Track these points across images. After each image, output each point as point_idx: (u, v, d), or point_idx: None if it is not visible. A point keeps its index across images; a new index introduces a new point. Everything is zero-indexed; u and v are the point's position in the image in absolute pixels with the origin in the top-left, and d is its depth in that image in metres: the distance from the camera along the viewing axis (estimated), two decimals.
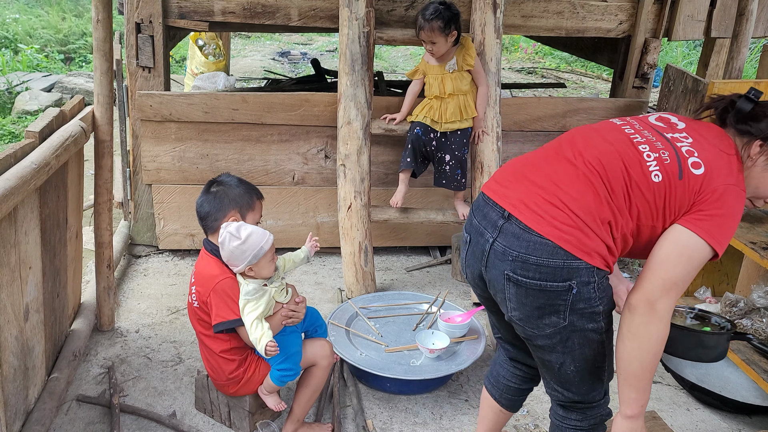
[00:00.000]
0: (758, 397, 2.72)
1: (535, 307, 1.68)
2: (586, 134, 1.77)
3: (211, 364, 2.31)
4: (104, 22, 2.60)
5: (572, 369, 1.77)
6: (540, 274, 1.64)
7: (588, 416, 1.88)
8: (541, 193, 1.67)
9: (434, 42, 3.09)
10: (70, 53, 8.91)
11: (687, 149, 1.68)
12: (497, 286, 1.72)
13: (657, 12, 3.80)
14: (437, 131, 3.25)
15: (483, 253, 1.73)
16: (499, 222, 1.69)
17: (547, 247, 1.62)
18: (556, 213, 1.64)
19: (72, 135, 2.44)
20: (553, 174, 1.70)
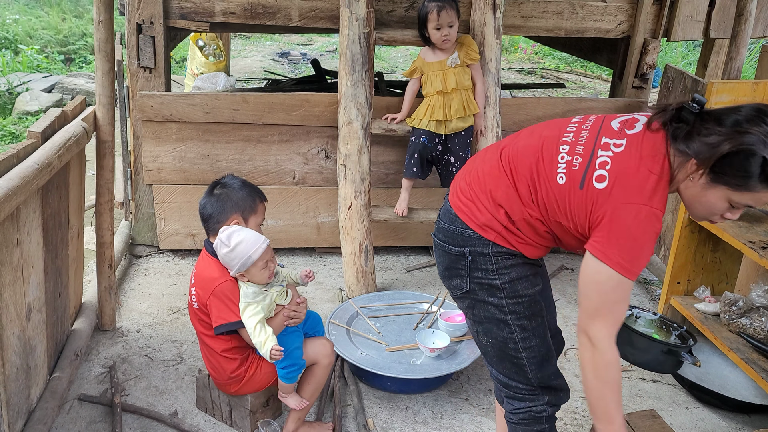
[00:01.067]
0: (757, 396, 2.73)
1: (445, 267, 1.91)
2: (536, 128, 1.88)
3: (212, 364, 2.32)
4: (106, 23, 2.61)
5: (485, 341, 1.91)
6: (444, 236, 1.88)
7: (516, 408, 1.94)
8: (466, 173, 1.90)
9: (452, 24, 3.09)
10: (70, 54, 8.91)
11: (603, 160, 1.64)
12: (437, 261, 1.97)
13: (656, 12, 3.81)
14: (442, 135, 3.26)
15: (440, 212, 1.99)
16: (446, 195, 1.95)
17: (449, 215, 1.87)
18: (463, 188, 1.87)
19: (74, 135, 2.45)
20: (484, 160, 1.88)
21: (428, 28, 3.12)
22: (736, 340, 2.59)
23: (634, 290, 3.68)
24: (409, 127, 3.33)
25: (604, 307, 1.64)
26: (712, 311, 2.77)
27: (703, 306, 2.81)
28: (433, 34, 3.11)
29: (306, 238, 3.82)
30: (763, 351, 2.50)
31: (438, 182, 3.49)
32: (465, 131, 3.27)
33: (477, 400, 2.68)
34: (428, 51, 3.23)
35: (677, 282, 2.93)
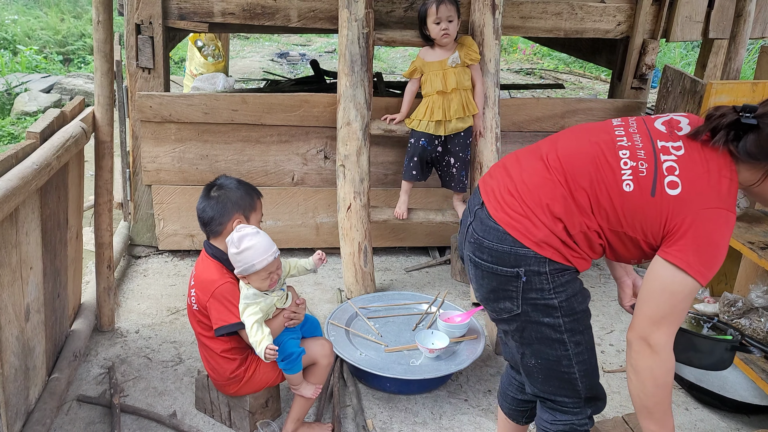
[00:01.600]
0: (757, 397, 2.73)
1: (490, 289, 1.77)
2: (575, 133, 1.79)
3: (212, 365, 2.31)
4: (105, 24, 2.61)
5: (533, 362, 1.81)
6: (491, 257, 1.72)
7: (558, 420, 1.87)
8: (507, 184, 1.75)
9: (452, 19, 3.09)
10: (68, 54, 8.91)
11: (670, 165, 1.60)
12: (466, 266, 1.86)
13: (655, 13, 3.81)
14: (441, 136, 3.25)
15: (464, 236, 1.85)
16: (475, 208, 1.81)
17: (497, 233, 1.71)
18: (511, 202, 1.71)
19: (73, 136, 2.45)
20: (524, 168, 1.76)
21: (428, 23, 3.12)
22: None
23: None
24: (408, 127, 3.32)
25: (672, 314, 1.59)
26: (711, 312, 2.77)
27: (702, 306, 2.81)
28: (433, 28, 3.11)
29: (305, 239, 3.82)
30: (763, 351, 2.50)
31: (437, 183, 3.49)
32: (464, 132, 3.27)
33: (476, 401, 2.68)
34: (428, 51, 3.23)
35: None
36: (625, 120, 1.77)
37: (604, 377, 2.88)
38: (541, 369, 1.81)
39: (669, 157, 1.61)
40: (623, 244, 1.68)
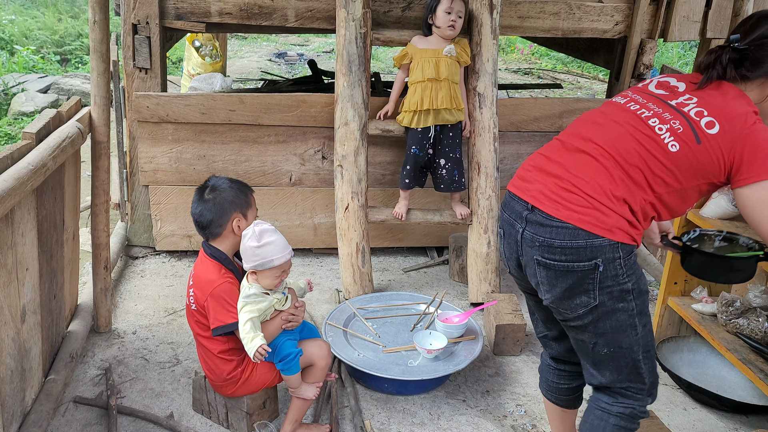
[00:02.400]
0: (755, 396, 2.72)
1: (566, 288, 1.78)
2: (594, 120, 1.86)
3: (209, 366, 2.31)
4: (101, 24, 2.60)
5: (605, 352, 1.85)
6: (566, 255, 1.74)
7: (618, 402, 1.91)
8: (557, 182, 1.79)
9: (461, 15, 3.14)
10: (66, 54, 8.90)
11: (696, 111, 1.75)
12: (530, 272, 1.85)
13: (653, 13, 3.81)
14: (431, 138, 3.25)
15: (516, 243, 1.86)
16: (524, 213, 1.82)
17: (568, 230, 1.73)
18: (571, 197, 1.75)
19: (69, 136, 2.44)
20: (566, 163, 1.81)
21: (437, 11, 3.13)
22: (733, 341, 2.59)
23: None
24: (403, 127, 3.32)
25: None
26: (709, 311, 2.77)
27: (700, 306, 2.81)
28: (442, 16, 3.12)
29: (303, 239, 3.81)
30: (761, 351, 2.50)
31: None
32: (453, 132, 3.26)
33: (474, 401, 2.67)
34: (422, 39, 3.23)
35: (674, 282, 2.93)
36: (626, 95, 1.89)
37: None
38: (613, 357, 1.85)
39: (690, 106, 1.76)
40: (683, 200, 1.79)
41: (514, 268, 1.93)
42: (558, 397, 2.16)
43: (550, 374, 2.15)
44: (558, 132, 3.73)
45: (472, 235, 3.40)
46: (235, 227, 2.24)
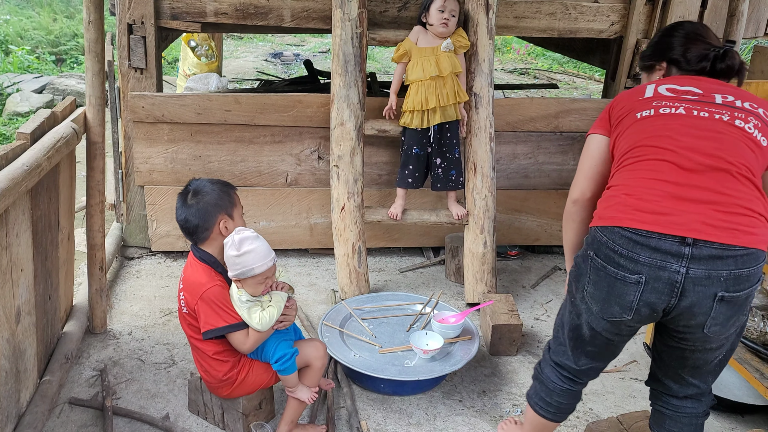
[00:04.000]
0: (751, 396, 2.73)
1: (734, 314, 1.73)
2: (680, 138, 1.76)
3: (204, 367, 2.30)
4: (96, 23, 2.59)
5: (722, 360, 1.89)
6: (750, 282, 1.69)
7: (702, 402, 2.00)
8: (717, 207, 1.67)
9: (455, 14, 3.14)
10: (61, 54, 8.87)
11: (747, 104, 1.81)
12: (700, 310, 1.70)
13: (648, 13, 3.82)
14: (430, 138, 3.25)
15: (673, 285, 1.68)
16: (684, 250, 1.65)
17: (752, 256, 1.67)
18: (744, 220, 1.67)
19: (63, 137, 2.43)
20: (712, 186, 1.69)
21: (431, 9, 3.13)
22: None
23: None
24: (401, 127, 3.31)
25: None
26: None
27: None
28: (435, 14, 3.12)
29: (299, 240, 3.81)
30: (757, 351, 2.50)
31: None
32: (451, 131, 3.26)
33: (471, 402, 2.67)
34: (419, 35, 3.21)
35: None
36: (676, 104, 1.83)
37: (599, 377, 2.87)
38: (724, 362, 1.90)
39: (736, 101, 1.82)
40: None
41: (653, 312, 1.74)
42: (565, 416, 2.10)
43: (568, 397, 2.05)
44: (554, 132, 3.76)
45: (468, 235, 3.40)
46: (222, 229, 2.21)
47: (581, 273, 1.85)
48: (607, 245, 1.74)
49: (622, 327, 1.83)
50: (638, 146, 1.79)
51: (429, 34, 3.19)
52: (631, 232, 1.70)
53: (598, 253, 1.77)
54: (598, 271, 1.78)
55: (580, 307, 1.88)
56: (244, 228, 2.18)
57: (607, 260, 1.74)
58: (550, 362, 2.05)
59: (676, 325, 1.79)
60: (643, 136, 1.80)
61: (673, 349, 1.89)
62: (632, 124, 1.85)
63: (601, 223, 1.78)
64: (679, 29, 2.00)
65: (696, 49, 1.94)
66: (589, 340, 1.90)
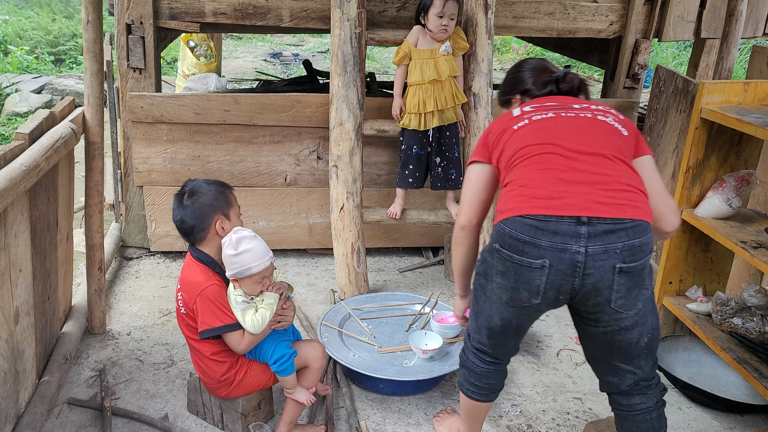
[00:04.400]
0: (749, 396, 2.73)
1: (634, 286, 1.82)
2: (556, 134, 1.94)
3: (202, 368, 2.30)
4: (94, 23, 2.59)
5: (646, 340, 1.94)
6: (643, 252, 1.80)
7: (651, 392, 2.04)
8: (602, 187, 1.81)
9: (453, 17, 3.10)
10: (60, 55, 8.87)
11: (605, 107, 2.05)
12: (603, 284, 1.79)
13: (647, 13, 3.82)
14: (429, 137, 3.25)
15: (575, 266, 1.77)
16: (581, 230, 1.76)
17: (639, 227, 1.79)
18: (628, 195, 1.81)
19: (62, 137, 2.43)
20: (593, 169, 1.84)
21: (429, 13, 3.09)
22: (728, 340, 2.60)
23: None
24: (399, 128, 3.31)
25: None
26: (704, 311, 2.78)
27: (695, 306, 2.82)
28: (433, 20, 3.09)
29: (298, 240, 3.81)
30: (755, 350, 2.50)
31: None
32: (450, 131, 3.26)
33: None
34: (418, 36, 3.19)
35: (669, 282, 2.94)
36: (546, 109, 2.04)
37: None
38: (651, 342, 1.96)
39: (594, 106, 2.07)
40: None
41: (559, 295, 1.83)
42: (496, 395, 2.19)
43: (495, 377, 2.14)
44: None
45: None
46: (219, 229, 2.21)
47: (488, 266, 1.93)
48: (510, 235, 1.82)
49: (531, 311, 1.92)
50: (522, 147, 1.94)
51: (428, 35, 3.19)
52: (530, 218, 1.80)
53: (503, 244, 1.85)
54: (504, 261, 1.86)
55: (491, 298, 1.95)
56: (242, 228, 2.18)
57: (512, 249, 1.83)
58: (472, 349, 2.13)
59: (586, 307, 1.87)
60: (524, 139, 1.95)
61: (595, 336, 1.96)
62: (512, 135, 1.99)
63: (503, 216, 1.87)
64: (525, 65, 2.25)
65: (542, 77, 2.18)
66: (500, 330, 1.99)
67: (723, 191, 2.65)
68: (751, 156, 2.78)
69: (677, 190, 2.80)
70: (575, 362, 2.96)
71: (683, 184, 2.76)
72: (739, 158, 2.76)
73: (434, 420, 2.50)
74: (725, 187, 2.65)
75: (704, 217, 2.71)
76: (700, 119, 2.65)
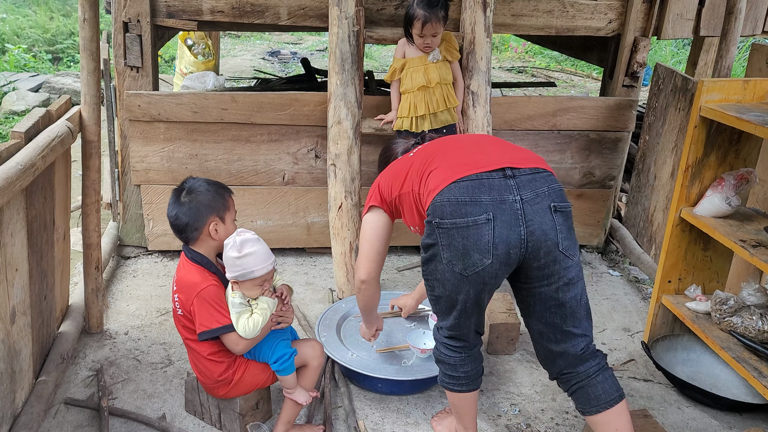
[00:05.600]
0: (749, 395, 2.72)
1: (570, 228, 1.95)
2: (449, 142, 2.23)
3: (200, 368, 2.29)
4: (91, 21, 2.57)
5: (585, 299, 2.05)
6: (565, 198, 1.96)
7: (597, 356, 2.11)
8: (510, 150, 2.04)
9: (436, 35, 3.08)
10: (58, 53, 8.84)
11: None
12: (547, 226, 1.89)
13: (646, 10, 3.80)
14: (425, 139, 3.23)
15: (516, 214, 1.87)
16: (510, 182, 1.89)
17: (554, 177, 1.98)
18: (526, 153, 2.04)
19: (58, 135, 2.41)
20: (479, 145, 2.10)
21: (412, 31, 3.11)
22: (727, 339, 2.59)
23: (624, 289, 3.68)
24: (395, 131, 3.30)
25: None
26: (703, 310, 2.77)
27: (694, 305, 2.81)
28: (416, 38, 3.12)
29: (296, 239, 3.80)
30: (754, 349, 2.50)
31: None
32: (447, 131, 3.25)
33: None
34: (405, 48, 3.20)
35: (668, 281, 2.93)
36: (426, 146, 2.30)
37: None
38: (587, 301, 2.07)
39: None
40: None
41: (512, 248, 1.88)
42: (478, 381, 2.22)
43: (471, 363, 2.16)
44: (552, 130, 3.75)
45: None
46: (212, 231, 2.18)
47: (433, 249, 1.96)
48: (449, 202, 1.88)
49: (486, 277, 1.92)
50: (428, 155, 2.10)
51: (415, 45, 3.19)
52: (464, 180, 1.89)
53: (442, 215, 1.89)
54: (448, 231, 1.89)
55: (444, 278, 1.97)
56: (245, 230, 2.17)
57: (453, 215, 1.87)
58: (442, 340, 2.16)
59: (538, 259, 1.91)
60: (426, 152, 2.13)
61: (544, 300, 2.00)
62: (411, 162, 2.16)
63: (434, 194, 1.93)
64: (390, 144, 2.55)
65: (409, 143, 2.46)
66: (462, 306, 2.01)
67: (722, 190, 2.64)
68: (750, 154, 2.77)
69: (676, 189, 2.79)
70: None
71: (682, 182, 2.75)
72: (738, 156, 2.75)
73: (433, 420, 2.50)
74: (724, 185, 2.64)
75: (703, 215, 2.71)
76: (699, 117, 2.64)
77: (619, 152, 3.92)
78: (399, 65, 3.20)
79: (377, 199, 2.28)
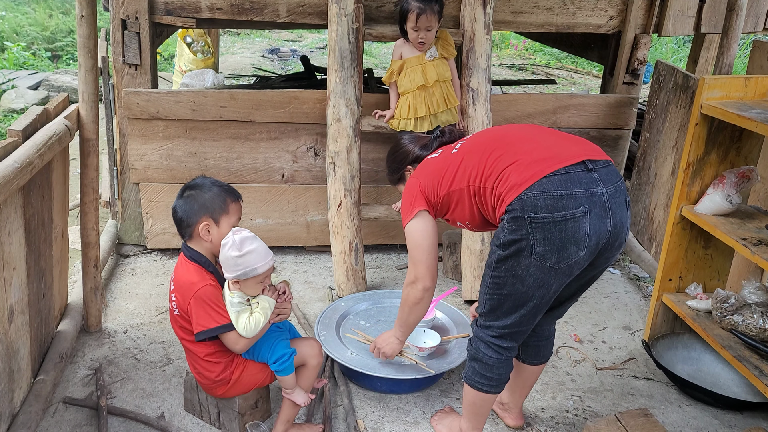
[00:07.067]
0: (749, 394, 2.72)
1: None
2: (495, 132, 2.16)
3: (197, 369, 2.28)
4: (88, 19, 2.56)
5: None
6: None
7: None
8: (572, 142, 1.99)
9: (430, 28, 3.07)
10: (57, 51, 8.83)
11: None
12: (624, 219, 1.95)
13: (647, 7, 3.79)
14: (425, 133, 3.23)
15: (605, 207, 1.89)
16: (593, 175, 1.89)
17: (617, 169, 2.01)
18: (591, 145, 2.00)
19: (56, 133, 2.40)
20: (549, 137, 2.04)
21: (407, 26, 3.10)
22: (728, 338, 2.58)
23: (625, 287, 3.67)
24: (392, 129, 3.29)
25: None
26: (704, 308, 2.76)
27: (695, 303, 2.80)
28: (410, 33, 3.11)
29: (295, 237, 3.79)
30: (755, 348, 2.49)
31: None
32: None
33: None
34: (402, 49, 3.20)
35: (669, 279, 2.92)
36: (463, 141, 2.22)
37: (597, 374, 2.86)
38: None
39: None
40: None
41: (601, 240, 1.91)
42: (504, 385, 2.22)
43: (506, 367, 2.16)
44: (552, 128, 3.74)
45: (465, 232, 3.38)
46: (203, 232, 2.15)
47: (519, 244, 1.91)
48: (544, 196, 1.85)
49: (573, 269, 1.94)
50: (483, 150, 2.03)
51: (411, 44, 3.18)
52: (555, 174, 1.86)
53: (537, 210, 1.85)
54: (544, 225, 1.86)
55: (527, 274, 1.94)
56: (240, 228, 2.15)
57: (549, 209, 1.85)
58: (488, 341, 2.11)
59: (611, 249, 1.96)
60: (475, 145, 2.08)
61: (589, 281, 2.11)
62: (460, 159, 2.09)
63: (521, 189, 1.87)
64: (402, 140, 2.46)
65: (422, 141, 2.39)
66: (537, 302, 1.99)
67: (723, 187, 2.63)
68: (751, 152, 2.76)
69: (677, 187, 2.78)
70: (574, 360, 2.95)
71: (683, 180, 2.74)
72: (739, 154, 2.74)
73: (432, 419, 2.49)
74: (725, 183, 2.63)
75: (704, 213, 2.69)
76: (700, 115, 2.63)
77: (620, 150, 3.91)
78: (397, 67, 3.19)
79: (422, 202, 2.18)
